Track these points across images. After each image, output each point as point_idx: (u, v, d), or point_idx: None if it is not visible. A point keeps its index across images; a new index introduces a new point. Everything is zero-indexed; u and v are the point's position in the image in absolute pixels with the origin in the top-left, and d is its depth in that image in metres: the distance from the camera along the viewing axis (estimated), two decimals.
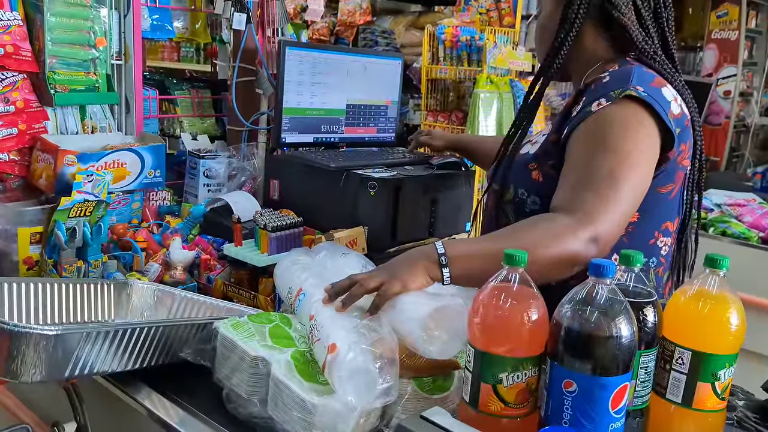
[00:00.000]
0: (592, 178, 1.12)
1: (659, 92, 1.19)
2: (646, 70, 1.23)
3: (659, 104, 1.17)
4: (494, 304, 0.89)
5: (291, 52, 1.88)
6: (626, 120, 1.16)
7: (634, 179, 1.13)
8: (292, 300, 1.23)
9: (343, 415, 0.94)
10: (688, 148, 1.25)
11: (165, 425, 1.07)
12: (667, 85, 1.23)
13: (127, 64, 1.95)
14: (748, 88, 5.02)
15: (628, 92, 1.16)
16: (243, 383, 1.07)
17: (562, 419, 0.86)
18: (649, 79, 1.21)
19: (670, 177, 1.24)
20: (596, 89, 1.21)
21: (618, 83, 1.19)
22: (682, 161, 1.25)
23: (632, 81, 1.18)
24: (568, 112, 1.26)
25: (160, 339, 1.14)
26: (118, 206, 1.83)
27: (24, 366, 0.97)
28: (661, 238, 1.28)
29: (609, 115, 1.17)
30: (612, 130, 1.15)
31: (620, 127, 1.15)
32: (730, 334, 0.91)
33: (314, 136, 2.02)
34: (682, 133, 1.21)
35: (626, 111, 1.16)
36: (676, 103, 1.21)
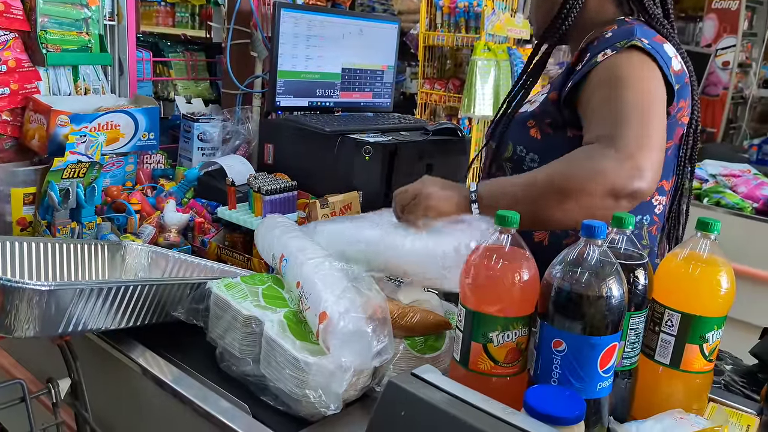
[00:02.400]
0: (623, 112, 1.11)
1: (662, 47, 1.21)
2: (647, 28, 1.24)
3: (662, 57, 1.17)
4: (485, 264, 0.89)
5: (286, 14, 1.86)
6: (637, 64, 1.16)
7: (660, 114, 1.13)
8: (276, 265, 1.23)
9: (336, 374, 0.95)
10: (687, 106, 1.26)
11: (159, 382, 1.08)
12: (668, 43, 1.24)
13: (120, 24, 1.92)
14: (747, 60, 4.98)
15: (633, 42, 1.17)
16: (236, 342, 1.08)
17: (551, 378, 0.87)
18: (652, 35, 1.22)
19: (670, 133, 1.24)
20: (599, 44, 1.22)
21: (622, 36, 1.20)
22: (682, 118, 1.26)
23: (636, 34, 1.19)
24: (570, 70, 1.26)
25: (153, 297, 1.14)
26: (112, 168, 1.83)
27: (18, 321, 0.97)
28: (656, 197, 1.29)
29: (619, 61, 1.17)
30: (627, 71, 1.15)
31: (633, 69, 1.15)
32: (720, 296, 0.92)
33: (309, 100, 2.00)
34: (681, 90, 1.22)
35: (634, 58, 1.17)
36: (676, 59, 1.22)
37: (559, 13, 1.30)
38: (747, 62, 4.99)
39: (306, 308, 1.05)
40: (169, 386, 1.06)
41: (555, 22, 1.31)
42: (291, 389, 0.97)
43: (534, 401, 0.78)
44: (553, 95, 1.27)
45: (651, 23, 1.28)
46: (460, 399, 0.80)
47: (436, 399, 0.79)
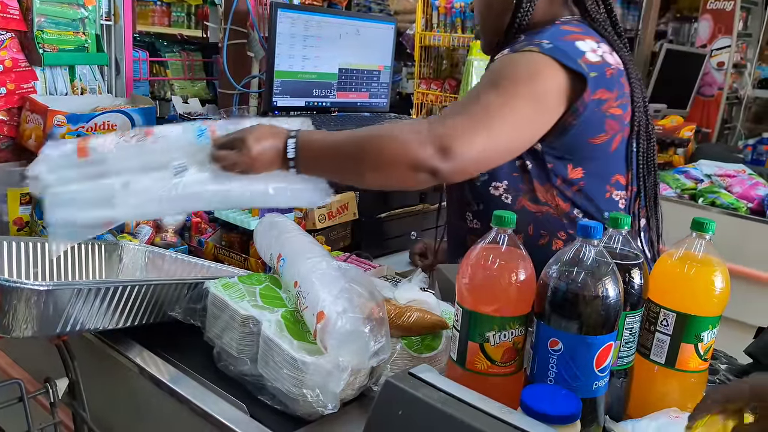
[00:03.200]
0: (469, 105, 1.15)
1: (571, 44, 1.21)
2: (564, 28, 1.26)
3: (564, 52, 1.18)
4: (482, 264, 0.90)
5: (283, 14, 1.86)
6: (520, 63, 1.18)
7: (515, 116, 1.15)
8: (274, 265, 1.23)
9: (334, 374, 0.95)
10: (615, 98, 1.25)
11: (156, 382, 1.08)
12: (586, 39, 1.24)
13: (117, 24, 1.92)
14: (741, 60, 4.99)
15: (529, 48, 1.19)
16: (233, 342, 1.08)
17: (548, 377, 0.88)
18: (564, 34, 1.23)
19: (599, 126, 1.25)
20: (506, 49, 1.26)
21: (527, 40, 1.23)
22: (609, 109, 1.25)
23: (541, 37, 1.21)
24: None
25: (151, 297, 1.14)
26: None
27: (15, 321, 0.97)
28: (615, 192, 1.30)
29: (505, 59, 1.21)
30: (503, 70, 1.19)
31: (512, 67, 1.19)
32: (714, 296, 0.92)
33: (306, 100, 2.01)
34: (600, 79, 1.21)
35: (523, 57, 1.19)
36: (595, 53, 1.23)
37: (513, 18, 1.31)
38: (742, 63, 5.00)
39: (303, 308, 1.06)
40: (166, 386, 1.06)
41: (510, 29, 1.32)
42: (288, 389, 0.97)
43: (530, 400, 0.78)
44: None
45: (593, 25, 1.30)
46: (457, 398, 0.80)
47: (434, 398, 0.80)
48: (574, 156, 1.26)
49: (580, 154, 1.25)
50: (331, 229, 1.67)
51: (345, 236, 1.73)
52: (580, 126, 1.22)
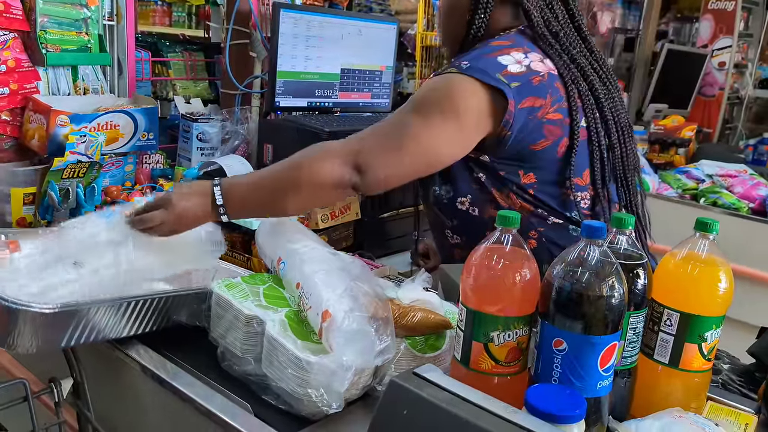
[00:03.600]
0: (386, 126, 1.24)
1: (491, 60, 1.25)
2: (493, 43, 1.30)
3: (481, 70, 1.22)
4: (486, 264, 0.90)
5: (285, 14, 1.86)
6: (438, 87, 1.24)
7: (430, 136, 1.21)
8: (274, 269, 1.23)
9: (338, 373, 0.96)
10: (551, 103, 1.27)
11: (161, 381, 1.08)
12: (512, 52, 1.27)
13: (120, 24, 1.92)
14: (742, 60, 4.99)
15: (449, 70, 1.24)
16: (237, 342, 1.08)
17: (552, 377, 0.88)
18: (484, 52, 1.27)
19: (538, 133, 1.27)
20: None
21: (452, 63, 1.28)
22: (546, 115, 1.27)
23: (464, 58, 1.26)
24: None
25: (156, 308, 1.15)
26: (112, 168, 1.83)
27: (21, 339, 0.98)
28: (574, 193, 1.31)
29: (427, 83, 1.27)
30: (420, 94, 1.25)
31: (430, 91, 1.24)
32: (718, 296, 0.92)
33: (308, 100, 2.01)
34: (525, 87, 1.24)
35: (443, 80, 1.24)
36: (520, 64, 1.26)
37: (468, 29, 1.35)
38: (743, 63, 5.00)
39: (307, 308, 1.06)
40: (171, 385, 1.06)
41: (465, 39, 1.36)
42: (293, 388, 0.98)
43: (535, 400, 0.78)
44: None
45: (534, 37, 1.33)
46: (462, 398, 0.80)
47: (438, 398, 0.80)
48: (522, 163, 1.30)
49: (527, 161, 1.29)
50: (334, 229, 1.67)
51: (347, 236, 1.73)
52: (516, 136, 1.25)
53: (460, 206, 1.35)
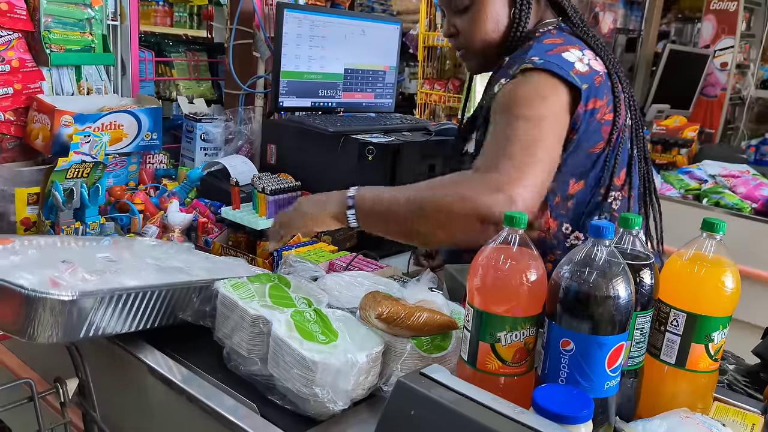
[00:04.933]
0: (506, 147, 1.15)
1: (559, 56, 1.23)
2: (547, 41, 1.27)
3: (557, 65, 1.20)
4: (493, 265, 0.90)
5: (289, 14, 1.86)
6: (527, 88, 1.20)
7: (546, 142, 1.16)
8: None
9: (343, 372, 0.96)
10: (606, 103, 1.27)
11: (167, 381, 1.08)
12: (573, 48, 1.26)
13: (123, 24, 1.92)
14: (744, 61, 4.99)
15: (523, 66, 1.21)
16: (243, 342, 1.08)
17: (559, 377, 0.88)
18: (547, 49, 1.24)
19: (597, 135, 1.26)
20: (499, 73, 1.28)
21: (515, 62, 1.25)
22: (604, 117, 1.27)
23: (527, 55, 1.23)
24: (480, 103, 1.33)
25: (169, 300, 1.15)
26: (115, 168, 1.83)
27: (41, 329, 0.99)
28: (611, 193, 1.31)
29: (508, 89, 1.22)
30: (516, 100, 1.19)
31: (523, 94, 1.19)
32: (725, 296, 0.92)
33: (312, 100, 2.01)
34: (591, 89, 1.23)
35: (524, 81, 1.21)
36: (582, 62, 1.24)
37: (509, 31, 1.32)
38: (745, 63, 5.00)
39: None
40: (177, 385, 1.06)
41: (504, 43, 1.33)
42: (299, 388, 0.97)
43: (543, 400, 0.78)
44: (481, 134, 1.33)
45: (572, 28, 1.32)
46: (470, 398, 0.80)
47: (446, 398, 0.80)
48: (576, 171, 1.28)
49: (583, 166, 1.27)
50: (338, 229, 1.66)
51: (351, 237, 1.73)
52: (579, 139, 1.24)
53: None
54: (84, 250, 1.25)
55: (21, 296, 0.98)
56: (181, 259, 1.34)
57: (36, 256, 1.16)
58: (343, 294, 1.22)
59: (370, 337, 1.05)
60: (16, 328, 1.00)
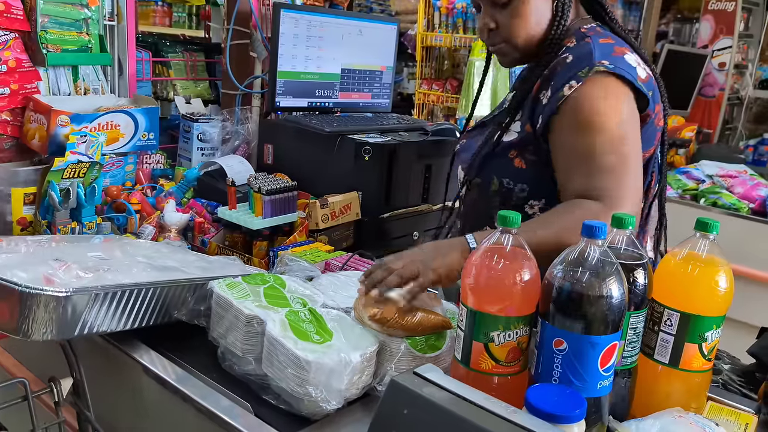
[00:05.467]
0: (603, 161, 1.14)
1: (623, 60, 1.21)
2: (602, 41, 1.25)
3: (626, 71, 1.19)
4: (487, 264, 0.90)
5: (286, 14, 1.86)
6: (604, 95, 1.18)
7: (635, 142, 1.18)
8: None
9: (336, 371, 0.96)
10: (660, 109, 1.28)
11: (161, 381, 1.08)
12: (628, 51, 1.24)
13: (120, 24, 1.92)
14: (743, 61, 4.99)
15: (595, 69, 1.18)
16: (238, 342, 1.08)
17: (552, 377, 0.88)
18: (610, 50, 1.22)
19: (651, 140, 1.27)
20: (562, 72, 1.22)
21: (582, 62, 1.21)
22: (659, 122, 1.28)
23: (595, 57, 1.20)
24: (536, 98, 1.26)
25: (164, 298, 1.15)
26: (112, 168, 1.83)
27: (35, 326, 0.99)
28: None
29: (586, 94, 1.18)
30: (595, 109, 1.17)
31: (601, 103, 1.17)
32: (718, 296, 0.92)
33: (308, 100, 2.01)
34: (654, 95, 1.24)
35: (599, 86, 1.18)
36: (640, 67, 1.23)
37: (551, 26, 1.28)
38: (743, 63, 5.00)
39: None
40: (171, 385, 1.06)
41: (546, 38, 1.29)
42: (293, 388, 0.98)
43: (535, 400, 0.78)
44: (528, 127, 1.27)
45: (612, 27, 1.31)
46: (463, 397, 0.80)
47: (439, 397, 0.80)
48: None
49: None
50: (334, 229, 1.67)
51: (348, 236, 1.73)
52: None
53: (529, 209, 1.29)
54: (75, 249, 1.25)
55: (15, 293, 0.98)
56: (175, 259, 1.34)
57: (28, 254, 1.16)
58: (339, 294, 1.22)
59: (365, 336, 1.06)
60: (10, 325, 1.00)
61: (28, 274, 1.01)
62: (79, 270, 1.08)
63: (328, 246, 1.59)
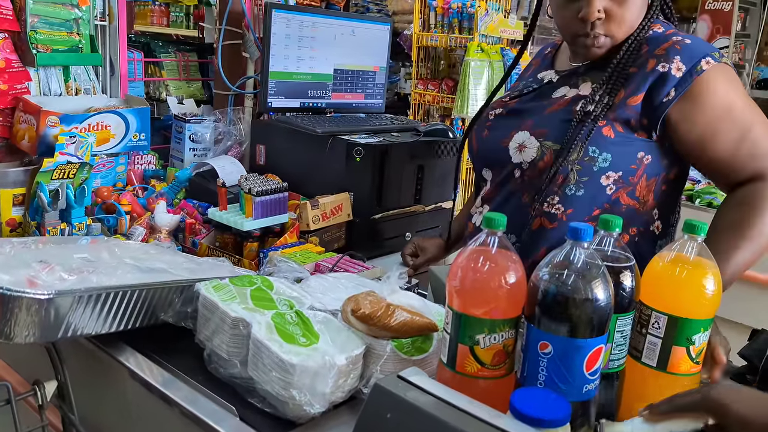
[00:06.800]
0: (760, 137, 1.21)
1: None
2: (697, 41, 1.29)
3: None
4: (473, 267, 0.89)
5: (278, 14, 1.86)
6: (742, 88, 1.27)
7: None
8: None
9: (321, 374, 0.95)
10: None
11: (146, 385, 1.07)
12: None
13: (112, 24, 1.92)
14: (740, 61, 4.99)
15: (725, 59, 1.24)
16: (223, 344, 1.08)
17: (538, 380, 0.87)
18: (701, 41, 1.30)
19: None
20: (684, 50, 1.24)
21: (706, 45, 1.27)
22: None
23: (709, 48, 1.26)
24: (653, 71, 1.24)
25: (149, 300, 1.14)
26: (103, 169, 1.82)
27: (18, 328, 0.98)
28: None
29: (720, 78, 1.23)
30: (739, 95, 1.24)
31: (743, 93, 1.25)
32: (706, 299, 0.92)
33: (301, 101, 2.00)
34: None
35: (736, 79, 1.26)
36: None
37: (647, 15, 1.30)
38: (740, 63, 5.00)
39: None
40: (156, 389, 1.05)
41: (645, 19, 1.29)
42: (278, 391, 0.97)
43: (519, 404, 0.77)
44: (635, 99, 1.25)
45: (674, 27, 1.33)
46: (446, 402, 0.79)
47: (422, 402, 0.79)
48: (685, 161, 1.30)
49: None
50: (326, 230, 1.66)
51: (339, 237, 1.72)
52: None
53: (605, 180, 1.27)
54: (60, 251, 1.24)
55: None
56: (163, 260, 1.33)
57: (12, 256, 1.16)
58: (327, 296, 1.21)
59: (351, 339, 1.05)
60: None
61: (10, 276, 1.00)
62: (62, 272, 1.07)
63: (319, 247, 1.58)
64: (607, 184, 1.27)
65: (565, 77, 1.36)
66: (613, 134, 1.26)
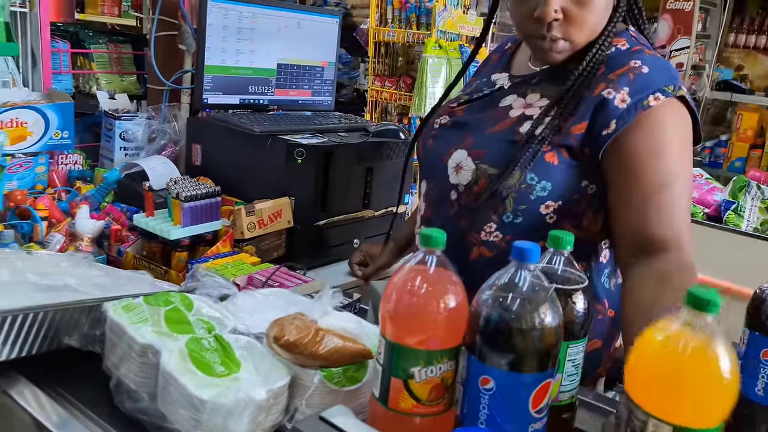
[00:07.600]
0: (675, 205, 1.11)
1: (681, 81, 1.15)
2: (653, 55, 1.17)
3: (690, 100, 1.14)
4: (407, 290, 0.78)
5: (214, 4, 1.72)
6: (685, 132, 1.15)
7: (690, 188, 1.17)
8: None
9: (235, 413, 0.83)
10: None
11: (38, 425, 0.94)
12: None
13: (32, 12, 1.76)
14: (700, 62, 4.99)
15: (681, 93, 1.12)
16: (131, 374, 0.95)
17: (479, 419, 0.77)
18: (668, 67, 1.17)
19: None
20: (638, 80, 1.12)
21: (663, 75, 1.13)
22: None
23: (676, 75, 1.15)
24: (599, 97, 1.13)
25: (49, 323, 1.00)
26: (19, 170, 1.66)
27: None
28: None
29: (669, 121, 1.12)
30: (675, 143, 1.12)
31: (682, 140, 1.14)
32: (723, 401, 0.66)
33: (240, 97, 1.87)
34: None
35: (682, 119, 1.14)
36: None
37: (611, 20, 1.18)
38: (700, 64, 4.99)
39: None
40: (49, 430, 0.92)
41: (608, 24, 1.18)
42: (188, 430, 0.85)
43: None
44: (579, 127, 1.14)
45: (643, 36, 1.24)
46: None
47: None
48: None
49: None
50: (262, 238, 1.54)
51: (279, 246, 1.60)
52: None
53: (544, 209, 1.17)
54: None
55: None
56: (75, 274, 1.19)
57: None
58: (254, 316, 1.09)
59: (276, 367, 0.92)
60: None
61: None
62: None
63: (254, 258, 1.46)
64: (546, 213, 1.17)
65: (517, 84, 1.26)
66: (556, 161, 1.15)
